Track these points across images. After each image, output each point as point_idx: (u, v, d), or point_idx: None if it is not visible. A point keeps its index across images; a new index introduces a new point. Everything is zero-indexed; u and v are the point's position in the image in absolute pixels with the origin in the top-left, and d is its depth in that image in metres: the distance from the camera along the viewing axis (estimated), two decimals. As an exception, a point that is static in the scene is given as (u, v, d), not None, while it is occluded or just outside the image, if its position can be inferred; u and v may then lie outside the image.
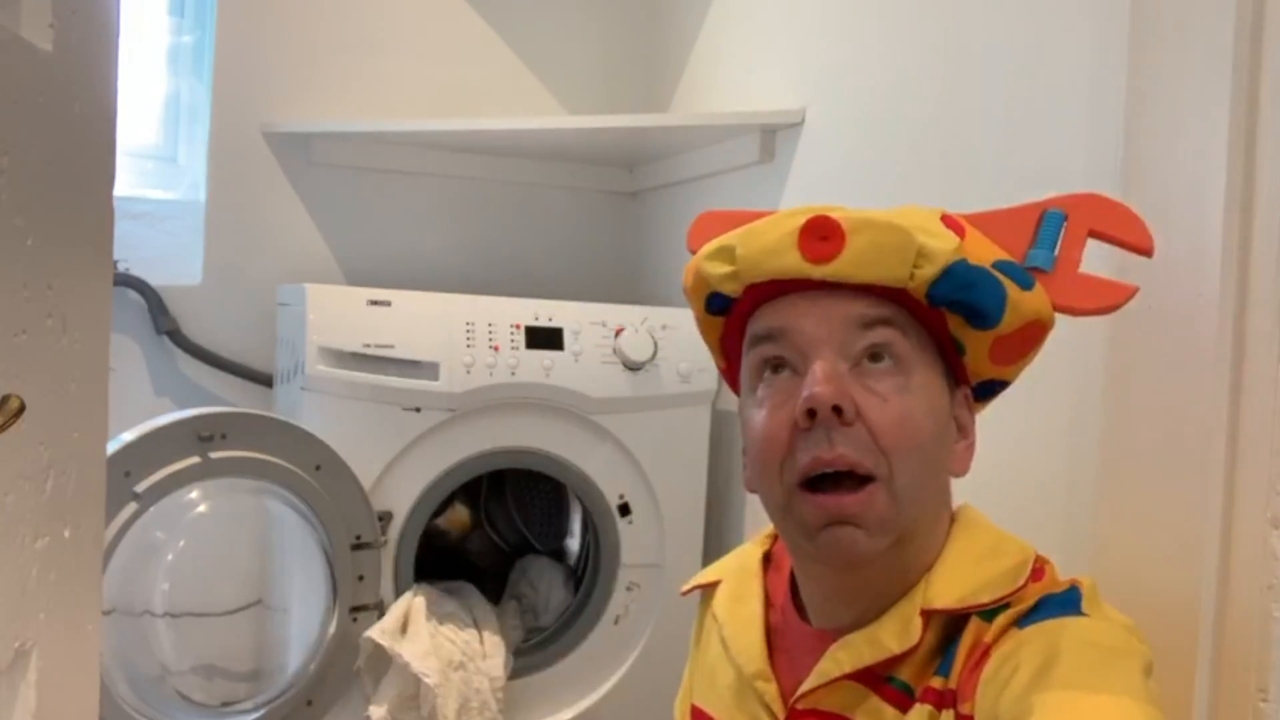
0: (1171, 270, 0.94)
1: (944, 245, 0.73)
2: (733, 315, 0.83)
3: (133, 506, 1.33)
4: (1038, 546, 0.80)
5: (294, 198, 1.94)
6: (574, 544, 1.88)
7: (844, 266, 0.73)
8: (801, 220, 0.75)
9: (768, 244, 0.76)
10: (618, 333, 1.68)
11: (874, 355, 0.74)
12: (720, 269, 0.79)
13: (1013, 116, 1.22)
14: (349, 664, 1.52)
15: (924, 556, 0.77)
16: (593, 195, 2.20)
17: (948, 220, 0.77)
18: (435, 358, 1.57)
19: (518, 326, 1.63)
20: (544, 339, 1.64)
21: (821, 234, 0.74)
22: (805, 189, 1.64)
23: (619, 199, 2.22)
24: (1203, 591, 0.91)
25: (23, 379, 0.62)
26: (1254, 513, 0.88)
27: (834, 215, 0.74)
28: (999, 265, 0.75)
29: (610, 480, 1.70)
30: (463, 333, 1.59)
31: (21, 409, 0.58)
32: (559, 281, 2.13)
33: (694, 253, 0.87)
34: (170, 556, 1.53)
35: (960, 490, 0.87)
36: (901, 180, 1.40)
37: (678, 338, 1.70)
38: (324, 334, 1.53)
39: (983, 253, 0.75)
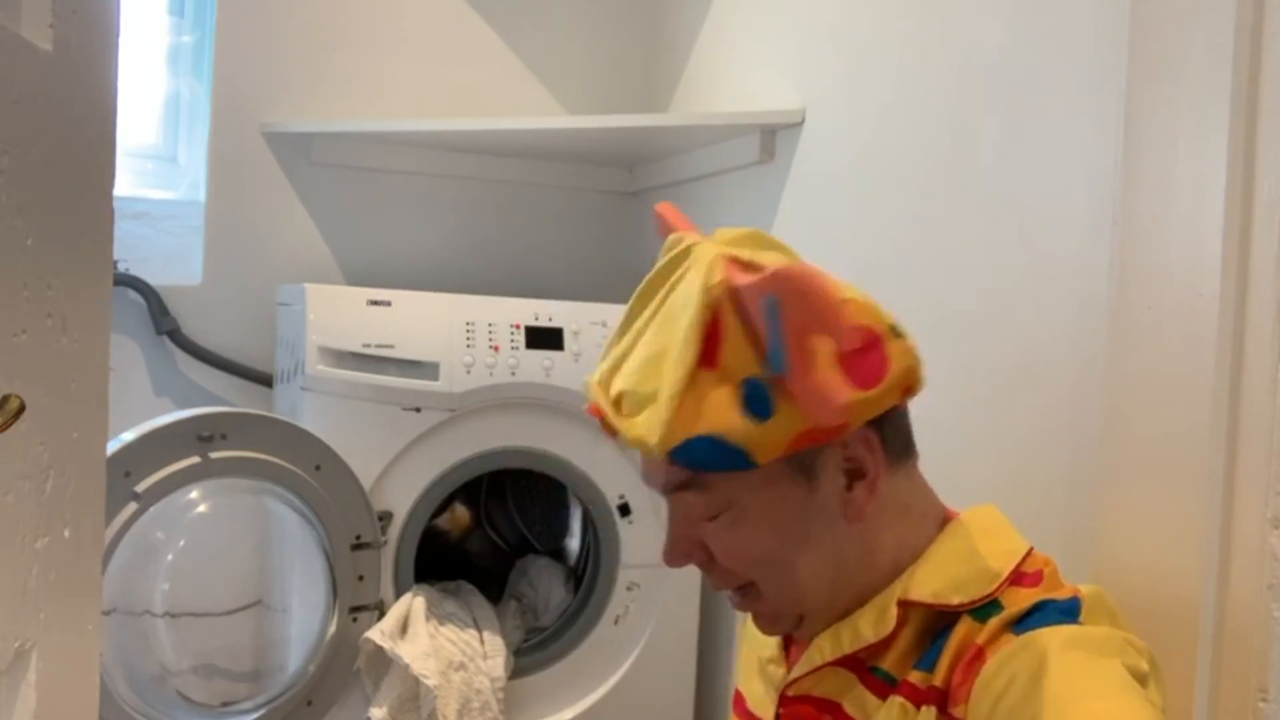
0: (1171, 270, 0.94)
1: (655, 439, 0.73)
2: None
3: (133, 506, 1.33)
4: (1038, 546, 0.80)
5: (294, 198, 1.94)
6: (574, 544, 1.88)
7: (622, 443, 0.78)
8: (590, 401, 0.80)
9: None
10: (618, 333, 1.67)
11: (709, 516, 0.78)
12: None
13: (1013, 116, 1.22)
14: (349, 664, 1.52)
15: (902, 557, 0.79)
16: (593, 195, 2.20)
17: (710, 333, 0.73)
18: (435, 358, 1.57)
19: (518, 326, 1.63)
20: (544, 339, 1.64)
21: (599, 419, 0.79)
22: (805, 189, 1.64)
23: (619, 199, 2.22)
24: (1203, 591, 0.90)
25: (23, 379, 0.62)
26: (1254, 513, 0.88)
27: (599, 408, 0.78)
28: (745, 389, 0.72)
29: (610, 480, 1.70)
30: (463, 333, 1.59)
31: (21, 409, 0.58)
32: (559, 281, 2.12)
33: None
34: (170, 556, 1.53)
35: (961, 490, 0.87)
36: (901, 180, 1.41)
37: (678, 338, 1.70)
38: (324, 334, 1.53)
39: (739, 366, 0.72)
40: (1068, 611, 0.72)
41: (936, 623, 0.76)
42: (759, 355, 0.73)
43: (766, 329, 0.72)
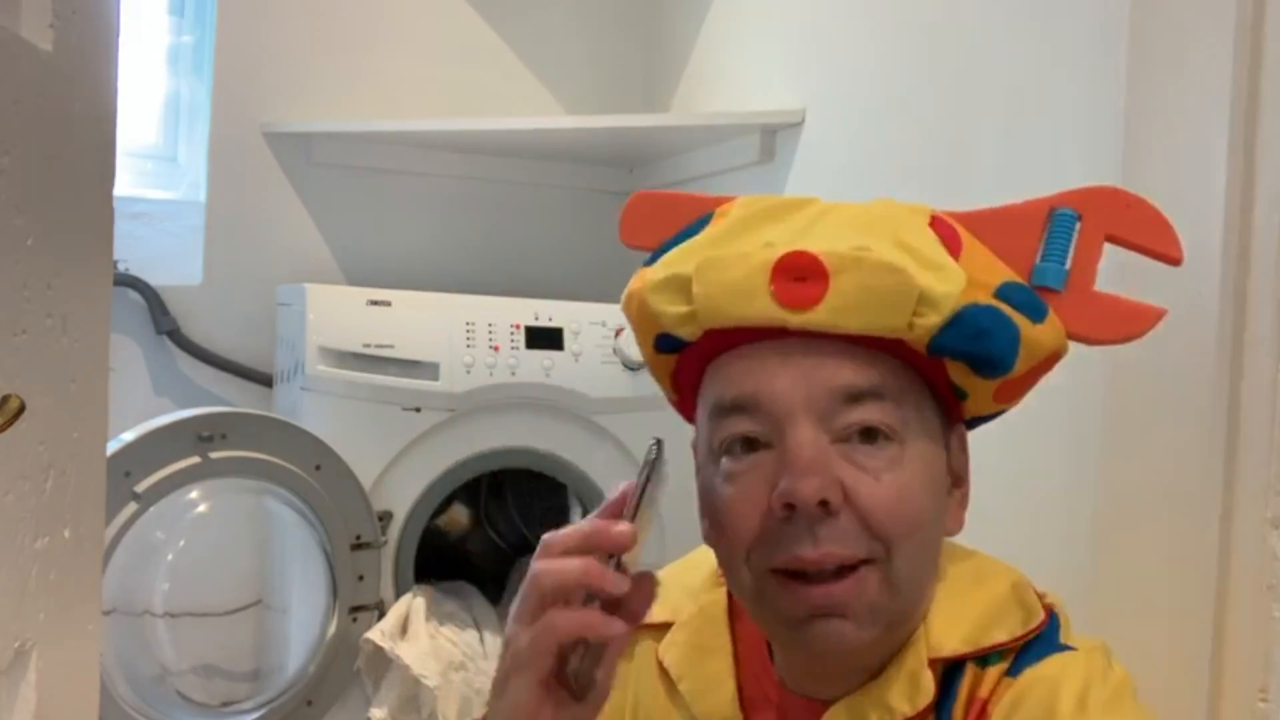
0: (1171, 270, 0.94)
1: (950, 287, 0.60)
2: (688, 353, 0.70)
3: (133, 506, 1.33)
4: (1038, 548, 0.80)
5: (294, 198, 1.94)
6: (574, 544, 1.88)
7: (826, 314, 0.61)
8: (774, 256, 0.62)
9: (732, 282, 0.63)
10: (617, 333, 1.68)
11: (864, 433, 0.62)
12: (673, 308, 0.65)
13: (1013, 116, 1.22)
14: (349, 664, 1.52)
15: (917, 610, 0.66)
16: (593, 195, 2.20)
17: (938, 225, 0.65)
18: (435, 358, 1.57)
19: (518, 326, 1.63)
20: (544, 339, 1.64)
21: (798, 274, 0.61)
22: (805, 189, 1.64)
23: (619, 199, 2.21)
24: (1203, 591, 0.91)
25: (23, 379, 0.62)
26: (1254, 513, 0.88)
27: (813, 251, 0.61)
28: (1004, 292, 0.62)
29: (610, 480, 1.70)
30: (463, 333, 1.59)
31: (21, 409, 0.58)
32: (559, 281, 2.12)
33: (630, 245, 0.76)
34: (170, 556, 1.53)
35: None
36: (902, 180, 1.40)
37: (678, 338, 1.70)
38: (324, 334, 1.53)
39: (984, 272, 0.63)
40: (1051, 640, 0.64)
41: (946, 673, 0.65)
42: (1013, 255, 0.65)
43: (1045, 239, 0.65)
